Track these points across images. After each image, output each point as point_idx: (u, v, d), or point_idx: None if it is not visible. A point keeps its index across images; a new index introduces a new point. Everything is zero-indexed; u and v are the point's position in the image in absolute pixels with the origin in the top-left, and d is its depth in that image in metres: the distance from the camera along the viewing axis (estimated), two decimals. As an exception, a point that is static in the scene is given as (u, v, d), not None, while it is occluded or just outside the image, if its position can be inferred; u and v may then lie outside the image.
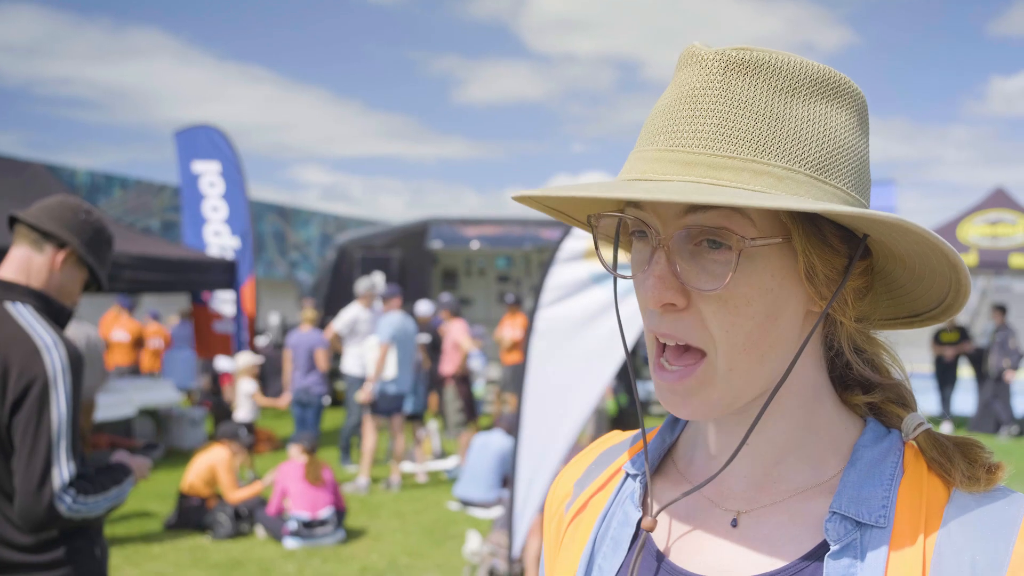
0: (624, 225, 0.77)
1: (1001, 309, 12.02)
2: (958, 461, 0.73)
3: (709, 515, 0.78)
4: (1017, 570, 0.66)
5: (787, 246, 0.69)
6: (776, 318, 0.71)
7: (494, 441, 7.77)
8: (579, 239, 4.43)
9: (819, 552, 0.71)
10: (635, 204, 0.72)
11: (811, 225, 0.69)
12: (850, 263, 0.71)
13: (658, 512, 0.78)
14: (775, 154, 0.67)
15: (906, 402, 0.80)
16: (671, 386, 0.72)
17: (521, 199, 0.77)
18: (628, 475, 0.86)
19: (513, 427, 4.66)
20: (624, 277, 0.78)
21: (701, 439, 0.83)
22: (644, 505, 0.82)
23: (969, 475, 0.72)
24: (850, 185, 0.70)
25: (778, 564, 0.72)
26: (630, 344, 4.40)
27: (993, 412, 12.00)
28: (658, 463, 0.86)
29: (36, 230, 2.24)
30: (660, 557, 0.78)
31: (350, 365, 9.31)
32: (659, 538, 0.80)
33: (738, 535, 0.76)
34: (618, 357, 4.28)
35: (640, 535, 0.80)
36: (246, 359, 9.13)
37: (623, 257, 0.82)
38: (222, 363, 9.79)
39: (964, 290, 0.71)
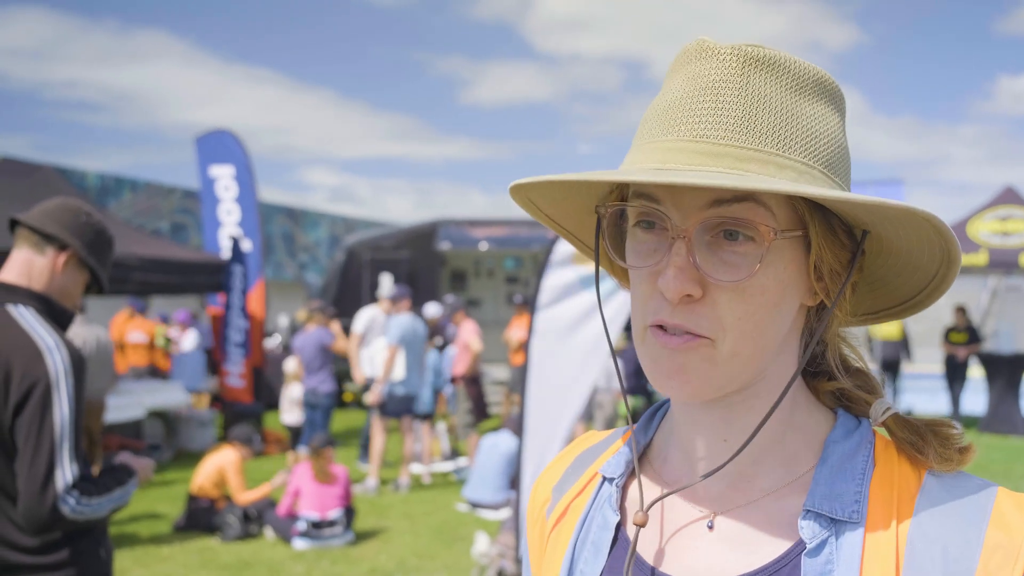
0: (612, 219, 0.78)
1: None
2: (931, 440, 0.74)
3: (686, 518, 0.78)
4: (989, 557, 0.66)
5: (802, 239, 0.71)
6: (781, 307, 0.72)
7: (502, 442, 7.76)
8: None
9: (796, 551, 0.71)
10: (650, 195, 0.71)
11: (824, 219, 0.71)
12: (854, 257, 0.73)
13: (648, 507, 0.77)
14: (795, 149, 0.69)
15: (873, 388, 0.81)
16: (673, 351, 0.70)
17: (521, 188, 0.76)
18: (604, 479, 0.86)
19: (519, 428, 4.66)
20: (627, 268, 0.77)
21: (675, 438, 0.82)
22: (621, 509, 0.82)
23: (942, 455, 0.73)
24: (846, 182, 0.73)
25: (756, 565, 0.72)
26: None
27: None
28: (633, 465, 0.85)
29: (37, 232, 2.25)
30: (640, 561, 0.78)
31: (362, 366, 9.30)
32: (638, 542, 0.79)
33: (715, 537, 0.76)
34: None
35: (620, 538, 0.81)
36: (294, 365, 9.09)
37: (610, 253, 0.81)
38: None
39: (944, 287, 0.73)
